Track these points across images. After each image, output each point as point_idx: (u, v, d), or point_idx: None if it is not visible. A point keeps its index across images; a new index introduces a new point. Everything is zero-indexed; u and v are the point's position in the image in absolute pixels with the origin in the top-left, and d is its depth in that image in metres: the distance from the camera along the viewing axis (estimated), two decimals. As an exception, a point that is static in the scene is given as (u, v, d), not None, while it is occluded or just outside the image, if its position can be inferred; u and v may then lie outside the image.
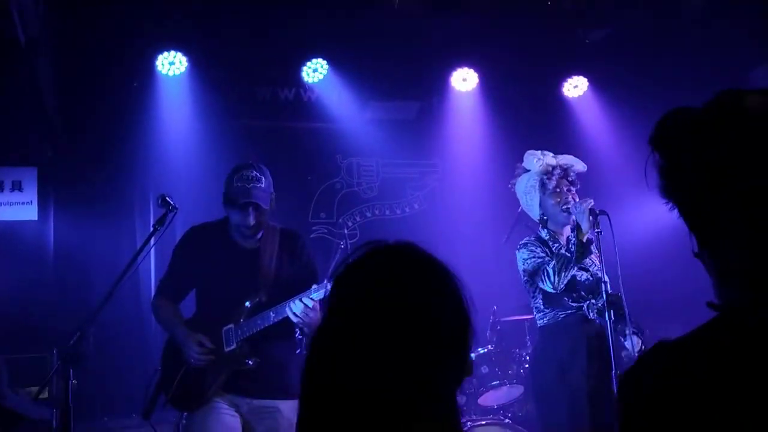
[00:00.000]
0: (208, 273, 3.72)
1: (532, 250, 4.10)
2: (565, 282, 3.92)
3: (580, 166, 4.25)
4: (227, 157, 5.19)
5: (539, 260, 4.02)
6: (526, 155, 4.24)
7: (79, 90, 5.75)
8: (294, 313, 3.47)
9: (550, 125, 6.72)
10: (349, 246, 4.82)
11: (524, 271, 4.13)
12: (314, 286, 3.50)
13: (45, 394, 4.25)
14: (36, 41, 4.02)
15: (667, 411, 1.01)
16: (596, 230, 3.94)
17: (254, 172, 3.69)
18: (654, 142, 1.18)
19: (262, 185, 3.68)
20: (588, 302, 4.02)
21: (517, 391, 5.21)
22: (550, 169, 4.14)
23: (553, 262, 3.93)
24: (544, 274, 3.94)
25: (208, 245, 3.77)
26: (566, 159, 4.23)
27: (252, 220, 3.66)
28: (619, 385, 1.13)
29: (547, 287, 3.96)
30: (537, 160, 4.17)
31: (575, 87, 6.86)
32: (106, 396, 5.02)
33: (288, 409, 3.65)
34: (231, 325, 3.63)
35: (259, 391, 3.61)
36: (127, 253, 3.91)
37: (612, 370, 3.73)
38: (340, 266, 1.39)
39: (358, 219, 6.83)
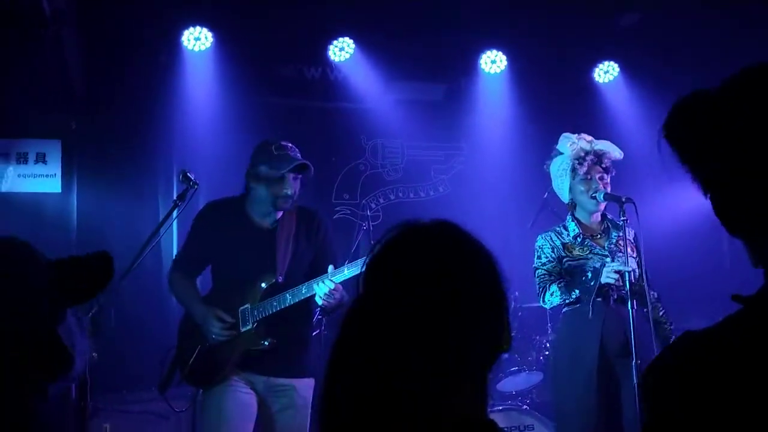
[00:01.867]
0: (224, 250, 3.72)
1: (542, 255, 4.15)
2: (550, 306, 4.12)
3: (616, 153, 4.19)
4: (251, 135, 5.16)
5: (544, 277, 4.11)
6: (561, 137, 4.20)
7: (105, 63, 5.75)
8: (318, 296, 3.47)
9: (580, 111, 6.61)
10: (371, 228, 4.80)
11: (534, 269, 4.20)
12: (331, 269, 3.48)
13: (64, 366, 4.29)
14: (62, 13, 4.01)
15: (697, 400, 0.99)
16: (622, 218, 3.94)
17: (289, 143, 3.72)
18: (678, 126, 1.13)
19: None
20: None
21: (536, 377, 5.20)
22: (583, 154, 4.10)
23: (555, 287, 4.03)
24: (543, 292, 4.07)
25: (224, 222, 3.76)
26: (602, 144, 4.18)
27: (295, 190, 3.66)
28: (645, 375, 1.09)
29: (539, 301, 4.12)
30: (571, 143, 4.13)
31: (606, 72, 6.75)
32: (125, 369, 5.06)
33: (303, 387, 3.66)
34: (247, 305, 3.63)
35: (275, 369, 3.62)
36: (150, 227, 3.92)
37: (632, 359, 3.71)
38: (375, 245, 1.38)
39: (381, 201, 6.79)
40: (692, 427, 0.99)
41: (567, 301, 4.03)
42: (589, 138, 4.20)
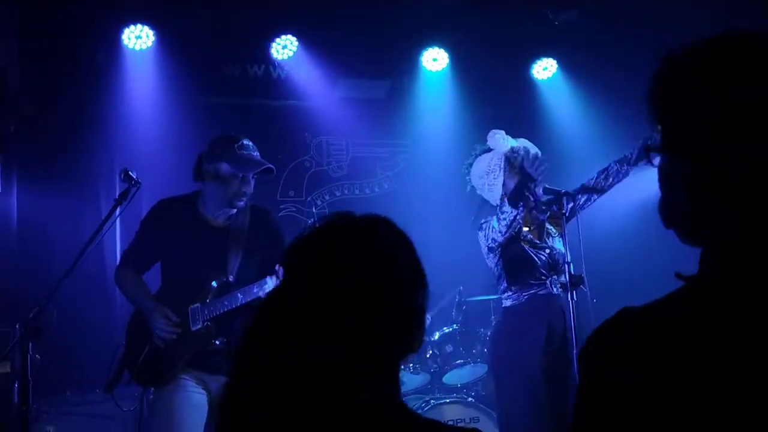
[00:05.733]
0: (174, 248, 3.69)
1: (488, 226, 4.15)
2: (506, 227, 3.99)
3: (535, 150, 4.25)
4: (195, 133, 5.15)
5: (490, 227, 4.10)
6: (490, 135, 4.23)
7: (43, 62, 5.64)
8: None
9: (520, 106, 6.76)
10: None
11: (486, 247, 4.17)
12: (279, 267, 3.48)
13: (6, 369, 4.21)
14: (-4, 13, 3.93)
15: (629, 374, 0.99)
16: (561, 212, 4.01)
17: (250, 141, 3.72)
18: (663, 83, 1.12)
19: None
20: (551, 278, 4.07)
21: (481, 370, 5.28)
22: (516, 148, 4.16)
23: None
24: (494, 226, 4.04)
25: (176, 219, 3.73)
26: (525, 142, 4.24)
27: (251, 189, 3.67)
28: (580, 349, 1.09)
29: (498, 234, 4.01)
30: (503, 139, 4.17)
31: (545, 69, 6.88)
32: (69, 370, 4.98)
33: (254, 385, 3.65)
34: (197, 305, 3.60)
35: (227, 368, 3.60)
36: (92, 227, 3.87)
37: (572, 348, 3.79)
38: (295, 238, 1.40)
39: (327, 198, 6.81)
40: (626, 401, 0.99)
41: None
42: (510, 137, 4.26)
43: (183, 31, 5.87)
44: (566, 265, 3.92)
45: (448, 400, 5.03)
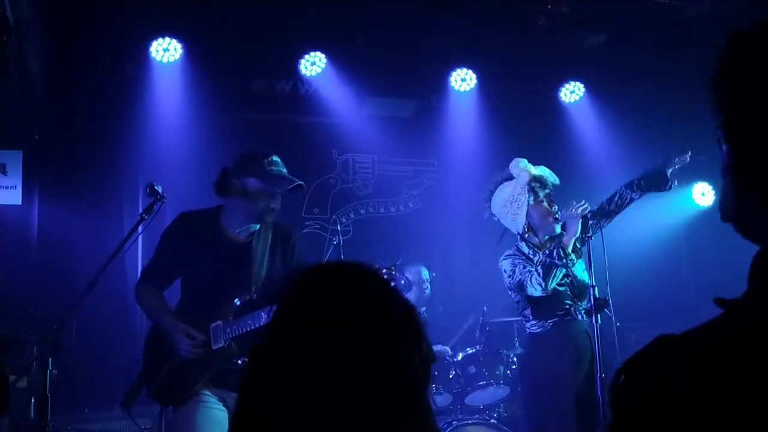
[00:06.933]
0: (195, 264, 3.61)
1: (514, 263, 4.13)
2: (554, 284, 3.97)
3: (554, 178, 4.23)
4: (220, 148, 5.13)
5: (524, 273, 4.06)
6: (512, 163, 4.22)
7: (70, 73, 5.65)
8: None
9: (547, 129, 6.73)
10: (342, 243, 4.78)
11: (510, 285, 4.18)
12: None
13: (24, 383, 4.18)
14: (26, 22, 3.94)
15: (665, 411, 0.92)
16: (586, 236, 3.97)
17: (278, 157, 3.68)
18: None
19: None
20: (575, 306, 4.03)
21: (504, 391, 5.23)
22: (540, 177, 4.15)
23: (537, 270, 3.99)
24: (532, 282, 3.99)
25: (198, 234, 3.66)
26: (546, 171, 4.23)
27: (279, 204, 3.65)
28: (613, 379, 1.01)
29: (537, 292, 3.99)
30: (525, 167, 4.16)
31: (572, 92, 6.84)
32: (87, 386, 4.94)
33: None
34: (219, 322, 3.52)
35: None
36: (114, 241, 3.85)
37: (597, 372, 3.76)
38: (281, 291, 1.42)
39: (352, 216, 6.78)
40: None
41: (554, 271, 3.98)
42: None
43: (211, 45, 5.87)
44: (591, 289, 3.90)
45: (470, 422, 4.96)
